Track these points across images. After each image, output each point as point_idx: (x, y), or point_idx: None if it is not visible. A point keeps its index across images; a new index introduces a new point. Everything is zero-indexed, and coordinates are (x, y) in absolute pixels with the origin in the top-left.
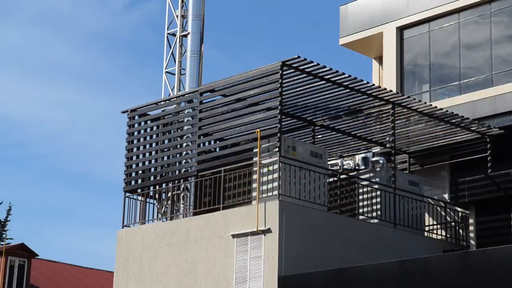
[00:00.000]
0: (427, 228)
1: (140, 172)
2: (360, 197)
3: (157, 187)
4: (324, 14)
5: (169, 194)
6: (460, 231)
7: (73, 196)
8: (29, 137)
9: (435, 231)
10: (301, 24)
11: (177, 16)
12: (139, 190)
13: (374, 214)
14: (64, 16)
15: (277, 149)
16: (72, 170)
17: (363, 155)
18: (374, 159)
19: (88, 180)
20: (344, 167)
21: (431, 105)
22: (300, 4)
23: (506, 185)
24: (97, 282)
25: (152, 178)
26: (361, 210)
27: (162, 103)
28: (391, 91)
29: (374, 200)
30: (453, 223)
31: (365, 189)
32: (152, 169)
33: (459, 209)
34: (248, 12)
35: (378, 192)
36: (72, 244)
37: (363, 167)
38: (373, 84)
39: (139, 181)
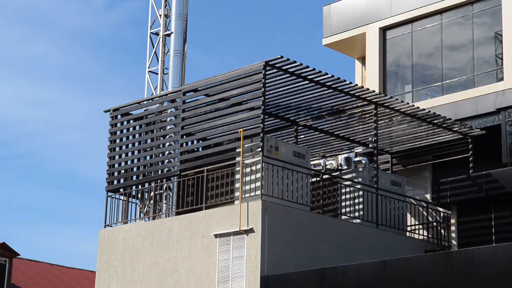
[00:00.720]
0: (409, 228)
1: (123, 171)
2: (343, 197)
3: (140, 186)
4: (311, 14)
5: (152, 193)
6: (442, 231)
7: (55, 195)
8: (10, 135)
9: (417, 231)
10: (286, 24)
11: (160, 15)
12: (121, 190)
13: (357, 214)
14: (46, 14)
15: (260, 149)
16: (54, 169)
17: (345, 155)
18: (356, 159)
19: (71, 179)
20: (327, 167)
21: (413, 105)
22: (286, 4)
23: (487, 186)
24: (79, 282)
25: (134, 177)
26: (343, 210)
27: (145, 102)
28: (373, 91)
29: (356, 200)
30: (435, 223)
31: (347, 189)
32: (135, 169)
33: (441, 209)
34: (232, 12)
35: (361, 192)
36: (54, 243)
37: (345, 167)
38: (356, 85)
39: (122, 180)
